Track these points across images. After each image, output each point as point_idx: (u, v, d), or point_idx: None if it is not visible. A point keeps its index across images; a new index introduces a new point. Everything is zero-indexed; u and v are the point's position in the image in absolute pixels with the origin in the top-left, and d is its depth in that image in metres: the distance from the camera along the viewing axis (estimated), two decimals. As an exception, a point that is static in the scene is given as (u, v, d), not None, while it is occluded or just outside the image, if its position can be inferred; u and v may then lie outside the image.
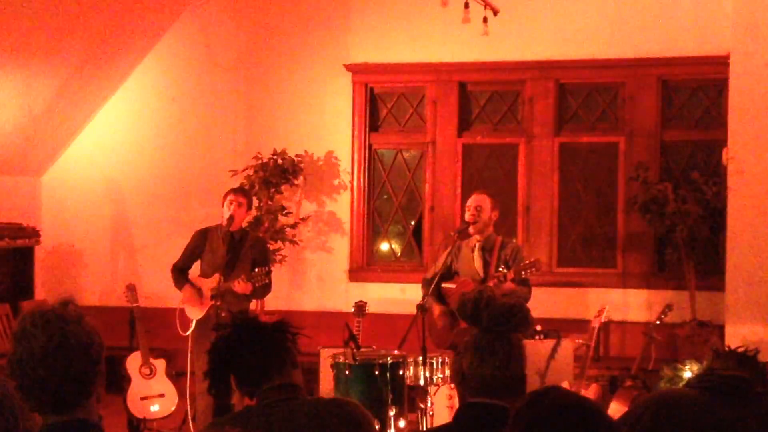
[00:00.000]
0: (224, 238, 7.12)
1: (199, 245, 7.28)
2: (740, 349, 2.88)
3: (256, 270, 6.97)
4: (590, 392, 7.08)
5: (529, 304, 3.08)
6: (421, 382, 6.34)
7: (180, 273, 7.33)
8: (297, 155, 9.24)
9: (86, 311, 2.49)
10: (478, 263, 6.81)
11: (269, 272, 7.12)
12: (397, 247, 9.58)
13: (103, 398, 7.91)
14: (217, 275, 7.03)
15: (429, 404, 6.29)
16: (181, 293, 7.25)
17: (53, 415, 2.39)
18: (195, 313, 7.16)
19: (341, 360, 6.45)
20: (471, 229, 6.85)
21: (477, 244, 6.83)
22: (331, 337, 7.94)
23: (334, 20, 9.40)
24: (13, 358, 2.36)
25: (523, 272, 6.52)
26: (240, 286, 6.91)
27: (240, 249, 7.17)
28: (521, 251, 6.83)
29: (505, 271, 6.55)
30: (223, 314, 6.82)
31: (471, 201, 6.93)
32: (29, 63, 8.26)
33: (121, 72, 9.63)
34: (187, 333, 7.24)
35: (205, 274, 7.21)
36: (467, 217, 6.88)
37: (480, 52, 8.96)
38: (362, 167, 9.40)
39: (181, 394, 7.80)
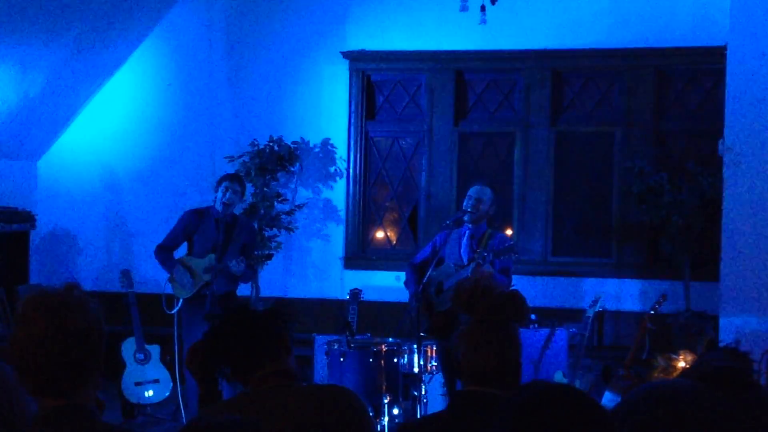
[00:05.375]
0: (219, 223, 7.12)
1: (191, 226, 7.28)
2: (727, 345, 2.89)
3: (256, 254, 7.05)
4: (584, 382, 7.10)
5: (524, 294, 3.07)
6: (416, 370, 6.36)
7: (168, 252, 7.32)
8: (293, 142, 9.24)
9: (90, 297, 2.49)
10: (464, 250, 6.80)
11: (270, 256, 7.19)
12: (392, 235, 9.58)
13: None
14: (210, 256, 7.05)
15: (423, 392, 6.31)
16: (171, 272, 7.23)
17: (49, 398, 2.39)
18: (184, 292, 7.15)
19: (336, 347, 6.47)
20: (467, 218, 6.82)
21: (467, 232, 6.82)
22: (326, 325, 7.97)
23: (332, 7, 9.38)
24: (13, 340, 2.37)
25: (501, 255, 6.48)
26: (237, 267, 6.95)
27: (232, 233, 7.20)
28: (509, 242, 6.81)
29: (484, 254, 6.51)
30: (210, 294, 6.88)
31: (473, 192, 6.87)
32: (25, 47, 8.23)
33: (117, 57, 9.61)
34: (173, 311, 7.25)
35: (196, 255, 7.21)
36: (467, 206, 6.82)
37: (477, 41, 8.95)
38: (358, 155, 9.40)
39: (176, 380, 7.81)
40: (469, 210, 6.78)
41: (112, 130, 9.83)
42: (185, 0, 9.63)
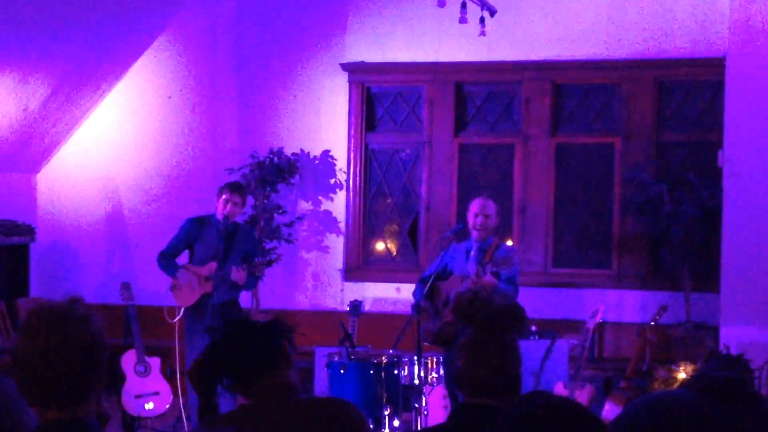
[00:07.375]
0: (220, 231, 7.14)
1: (192, 234, 7.30)
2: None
3: (256, 260, 7.06)
4: (584, 393, 7.09)
5: (524, 305, 3.07)
6: (416, 382, 6.36)
7: (170, 259, 7.33)
8: (293, 154, 9.24)
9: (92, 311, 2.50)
10: (471, 263, 6.78)
11: (270, 262, 7.19)
12: (392, 247, 9.58)
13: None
14: (212, 264, 7.06)
15: (424, 404, 6.30)
16: (173, 279, 7.24)
17: (50, 411, 2.40)
18: (186, 300, 7.16)
19: (336, 359, 6.47)
20: (474, 234, 6.72)
21: (474, 245, 6.79)
22: (326, 337, 7.95)
23: (331, 19, 9.40)
24: (15, 351, 2.39)
25: (500, 266, 6.40)
26: (238, 274, 6.95)
27: (232, 241, 7.22)
28: (514, 254, 6.75)
29: (487, 265, 6.47)
30: (211, 305, 6.89)
31: (479, 208, 6.71)
32: (25, 60, 8.24)
33: (117, 69, 9.62)
34: (175, 320, 7.25)
35: (198, 263, 7.22)
36: (476, 223, 6.71)
37: (477, 52, 8.96)
38: (358, 166, 9.40)
39: (176, 392, 7.80)
40: (478, 228, 6.66)
41: (113, 142, 9.83)
42: (186, 12, 9.65)
